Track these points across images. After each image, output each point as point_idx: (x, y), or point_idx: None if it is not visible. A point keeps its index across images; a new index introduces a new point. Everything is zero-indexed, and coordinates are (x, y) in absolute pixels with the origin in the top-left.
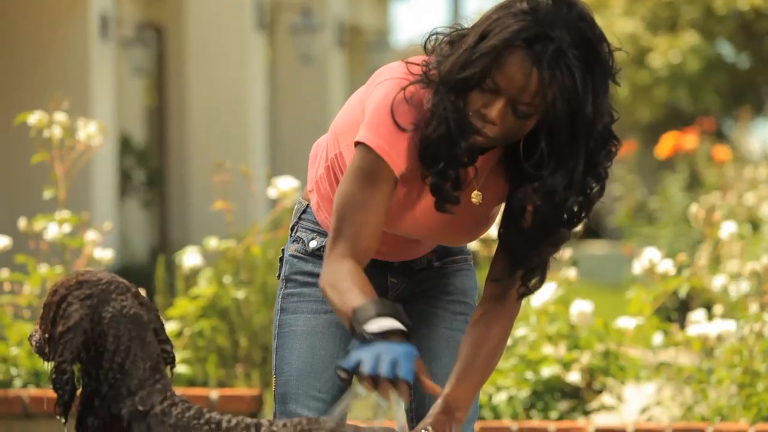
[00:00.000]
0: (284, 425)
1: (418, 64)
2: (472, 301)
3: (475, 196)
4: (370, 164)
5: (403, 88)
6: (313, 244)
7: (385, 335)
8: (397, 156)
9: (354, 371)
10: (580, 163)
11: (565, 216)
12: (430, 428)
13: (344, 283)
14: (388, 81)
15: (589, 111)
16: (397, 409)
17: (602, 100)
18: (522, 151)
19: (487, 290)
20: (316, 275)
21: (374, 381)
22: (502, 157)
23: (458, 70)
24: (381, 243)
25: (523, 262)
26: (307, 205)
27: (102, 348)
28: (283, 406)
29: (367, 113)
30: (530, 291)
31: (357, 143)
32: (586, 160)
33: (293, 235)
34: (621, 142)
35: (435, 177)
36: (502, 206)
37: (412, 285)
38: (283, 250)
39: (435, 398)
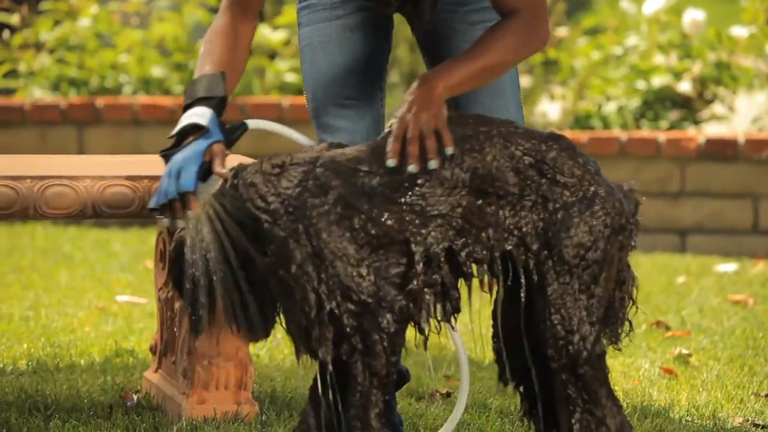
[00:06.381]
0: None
1: None
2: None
3: None
4: None
5: None
6: None
7: (181, 138)
8: None
9: (158, 208)
10: None
11: None
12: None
13: (207, 44)
14: None
15: None
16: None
17: None
18: None
19: None
20: None
21: (169, 208)
22: None
23: None
24: None
25: None
26: None
27: None
28: (317, 121)
29: None
30: None
31: None
32: None
33: None
34: None
35: None
36: None
37: None
38: None
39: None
